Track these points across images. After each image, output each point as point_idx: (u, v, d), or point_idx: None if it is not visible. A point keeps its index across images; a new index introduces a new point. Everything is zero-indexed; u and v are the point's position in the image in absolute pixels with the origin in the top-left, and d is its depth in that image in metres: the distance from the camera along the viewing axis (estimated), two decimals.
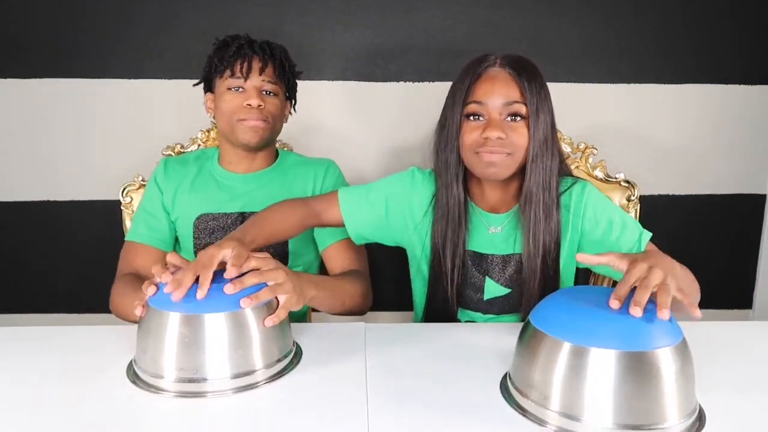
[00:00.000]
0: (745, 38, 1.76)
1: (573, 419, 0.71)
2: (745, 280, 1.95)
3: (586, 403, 0.70)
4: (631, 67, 1.76)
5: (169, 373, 0.81)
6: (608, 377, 0.69)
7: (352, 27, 1.71)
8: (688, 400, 0.73)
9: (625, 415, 0.69)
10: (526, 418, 0.75)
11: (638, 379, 0.69)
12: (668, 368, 0.70)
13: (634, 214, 1.46)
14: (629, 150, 1.79)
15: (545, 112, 1.01)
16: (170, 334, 0.81)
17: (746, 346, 0.99)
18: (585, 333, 0.71)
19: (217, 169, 1.33)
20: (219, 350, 0.81)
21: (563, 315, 0.75)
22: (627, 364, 0.69)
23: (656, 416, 0.70)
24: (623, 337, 0.70)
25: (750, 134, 1.83)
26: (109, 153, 1.75)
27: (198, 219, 1.28)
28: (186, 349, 0.81)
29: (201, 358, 0.81)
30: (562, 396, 0.72)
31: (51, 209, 1.79)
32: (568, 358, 0.71)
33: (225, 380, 0.82)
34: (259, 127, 1.24)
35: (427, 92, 1.74)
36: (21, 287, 1.84)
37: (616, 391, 0.69)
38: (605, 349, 0.69)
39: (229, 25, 1.67)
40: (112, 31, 1.68)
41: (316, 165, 1.36)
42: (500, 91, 1.00)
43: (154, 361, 0.82)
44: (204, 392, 0.81)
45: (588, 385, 0.70)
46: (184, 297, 0.82)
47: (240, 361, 0.83)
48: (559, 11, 1.72)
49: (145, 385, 0.83)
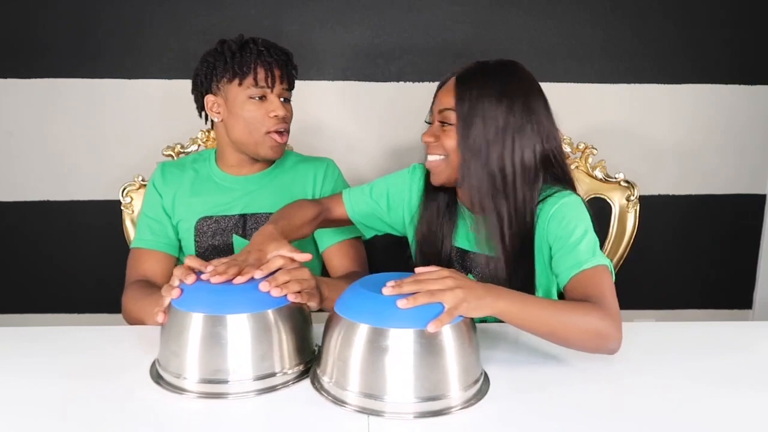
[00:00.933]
0: (745, 38, 1.76)
1: (372, 397, 0.77)
2: (745, 280, 1.95)
3: (386, 380, 0.76)
4: (631, 67, 1.76)
5: (192, 374, 0.81)
6: (399, 355, 0.76)
7: (352, 27, 1.71)
8: (472, 372, 0.81)
9: (417, 390, 0.76)
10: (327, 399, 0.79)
11: (426, 354, 0.77)
12: (449, 344, 0.78)
13: (634, 214, 1.46)
14: (629, 150, 1.79)
15: (482, 110, 1.00)
16: (193, 335, 0.82)
17: (746, 346, 0.99)
18: (382, 315, 0.77)
19: (216, 172, 1.32)
20: (241, 351, 0.81)
21: (360, 300, 0.81)
22: (418, 341, 0.76)
23: (443, 387, 0.77)
24: (413, 318, 0.77)
25: (750, 134, 1.83)
26: (109, 153, 1.75)
27: (199, 222, 1.28)
28: (209, 350, 0.81)
29: (223, 359, 0.81)
30: (360, 376, 0.77)
31: (51, 209, 1.79)
32: (366, 339, 0.77)
33: (247, 382, 0.81)
34: (284, 142, 1.25)
35: (427, 92, 1.72)
36: (21, 287, 1.84)
37: (408, 367, 0.76)
38: (401, 329, 0.76)
39: (230, 24, 1.67)
40: (113, 31, 1.68)
41: (315, 164, 1.36)
42: (441, 99, 1.07)
43: (177, 362, 0.83)
44: (226, 393, 0.81)
45: (384, 363, 0.76)
46: (208, 298, 0.83)
47: (262, 362, 0.82)
48: (558, 11, 1.72)
49: (168, 386, 0.83)
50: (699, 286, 1.92)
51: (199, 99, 1.27)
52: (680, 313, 1.92)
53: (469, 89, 1.02)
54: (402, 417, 0.76)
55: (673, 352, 0.96)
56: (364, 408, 0.77)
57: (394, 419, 0.75)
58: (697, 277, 1.92)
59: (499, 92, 1.01)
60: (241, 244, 1.27)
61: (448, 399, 0.77)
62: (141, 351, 0.93)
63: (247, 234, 1.28)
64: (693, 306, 1.93)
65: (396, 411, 0.76)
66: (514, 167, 1.01)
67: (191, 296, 0.84)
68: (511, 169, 1.01)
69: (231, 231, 1.28)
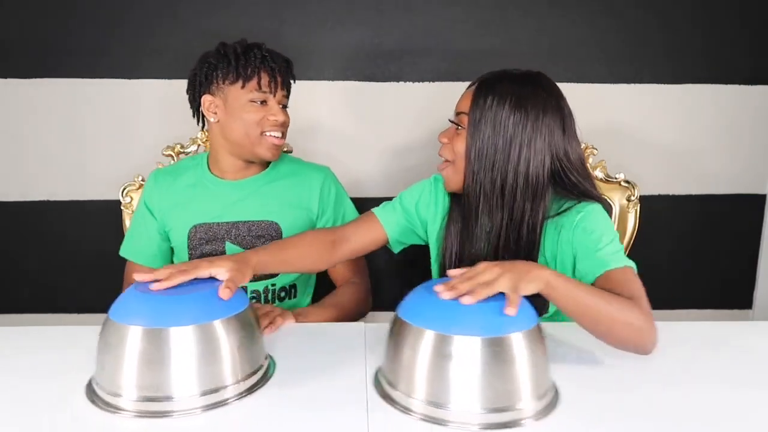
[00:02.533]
0: (745, 38, 1.76)
1: (438, 407, 0.74)
2: (745, 280, 1.94)
3: (450, 390, 0.74)
4: (631, 67, 1.76)
5: (129, 391, 0.76)
6: (469, 363, 0.73)
7: (352, 27, 1.71)
8: (542, 381, 0.77)
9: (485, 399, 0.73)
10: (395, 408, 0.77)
11: (496, 363, 0.73)
12: (521, 352, 0.74)
13: (634, 214, 1.46)
14: (629, 150, 1.79)
15: (493, 117, 1.01)
16: (130, 350, 0.76)
17: (746, 346, 0.99)
18: (448, 322, 0.75)
19: (209, 177, 1.32)
20: (186, 366, 0.76)
21: (427, 306, 0.78)
22: (486, 350, 0.73)
23: (512, 398, 0.74)
24: (481, 325, 0.74)
25: (750, 134, 1.83)
26: (109, 153, 1.75)
27: (191, 230, 1.28)
28: (148, 365, 0.76)
29: (166, 375, 0.75)
30: (427, 384, 0.75)
31: (51, 209, 1.78)
32: (433, 346, 0.75)
33: (193, 398, 0.76)
34: (280, 144, 1.26)
35: (427, 92, 1.74)
36: (21, 287, 1.84)
37: (477, 375, 0.73)
38: (467, 336, 0.73)
39: (230, 24, 1.67)
40: (112, 31, 1.68)
41: (312, 175, 1.36)
42: (460, 102, 1.09)
43: (111, 379, 0.77)
44: (170, 412, 0.75)
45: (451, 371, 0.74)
46: (148, 310, 0.78)
47: (209, 377, 0.77)
48: (559, 11, 1.71)
49: (103, 404, 0.78)
50: (699, 286, 1.92)
51: (196, 99, 1.27)
52: (680, 313, 1.92)
53: (486, 96, 1.03)
54: (467, 427, 0.73)
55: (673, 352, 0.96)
56: (429, 416, 0.75)
57: (458, 429, 0.73)
58: (697, 277, 1.92)
59: (514, 103, 1.01)
60: (235, 252, 1.28)
61: (519, 411, 0.74)
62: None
63: (240, 241, 1.28)
64: (693, 306, 1.93)
65: (462, 421, 0.73)
66: (516, 179, 1.02)
67: (130, 309, 0.78)
68: (513, 180, 1.02)
69: (224, 238, 1.28)
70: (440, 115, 1.17)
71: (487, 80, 1.06)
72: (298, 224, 1.31)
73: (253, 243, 1.28)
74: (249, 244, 1.28)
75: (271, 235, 1.29)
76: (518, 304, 0.75)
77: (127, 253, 1.34)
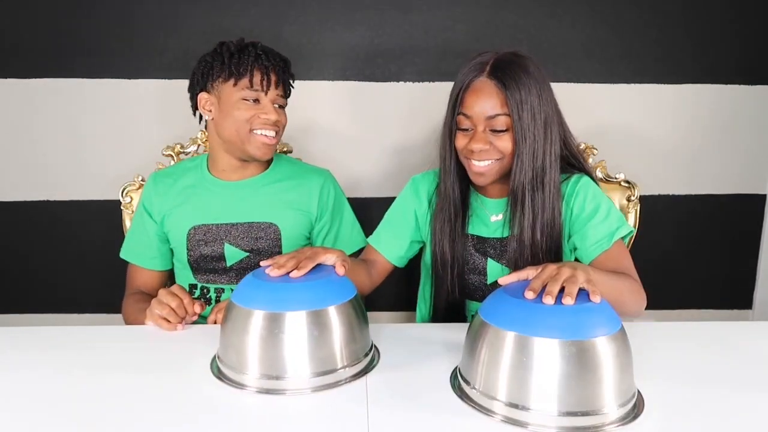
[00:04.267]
0: (745, 38, 1.76)
1: (519, 408, 0.74)
2: (745, 280, 1.94)
3: (531, 392, 0.73)
4: (631, 67, 1.76)
5: (252, 369, 0.83)
6: (551, 365, 0.72)
7: (352, 27, 1.71)
8: (627, 387, 0.76)
9: (567, 402, 0.72)
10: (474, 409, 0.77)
11: (578, 366, 0.72)
12: (606, 356, 0.73)
13: (634, 214, 1.46)
14: (629, 150, 1.79)
15: (530, 109, 1.03)
16: (253, 331, 0.83)
17: (746, 346, 0.99)
18: (529, 324, 0.74)
19: (208, 177, 1.32)
20: (300, 348, 0.83)
21: (508, 307, 0.78)
22: (568, 353, 0.72)
23: (596, 402, 0.73)
24: (564, 327, 0.73)
25: (750, 134, 1.83)
26: (109, 153, 1.75)
27: (191, 230, 1.28)
28: (267, 346, 0.83)
29: (281, 355, 0.82)
30: (508, 386, 0.75)
31: (51, 209, 1.79)
32: (513, 348, 0.75)
33: (305, 378, 0.83)
34: (272, 143, 1.25)
35: (427, 92, 1.74)
36: (21, 287, 1.84)
37: (559, 378, 0.72)
38: (548, 338, 0.73)
39: (230, 24, 1.67)
40: (112, 31, 1.68)
41: (312, 178, 1.36)
42: (484, 104, 1.05)
43: (237, 358, 0.84)
44: (284, 390, 0.82)
45: (533, 373, 0.73)
46: (267, 296, 0.85)
47: (320, 359, 0.83)
48: (559, 11, 1.71)
49: (228, 381, 0.85)
50: (699, 286, 1.92)
51: (194, 97, 1.28)
52: (680, 313, 1.92)
53: (515, 92, 1.03)
54: (547, 430, 0.72)
55: (673, 352, 0.96)
56: (509, 417, 0.74)
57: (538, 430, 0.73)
58: (697, 277, 1.92)
59: (537, 88, 1.05)
60: (233, 253, 1.28)
61: (602, 416, 0.73)
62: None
63: (239, 242, 1.28)
64: (693, 306, 1.93)
65: (542, 423, 0.73)
66: (552, 158, 1.06)
67: (251, 293, 0.86)
68: (551, 159, 1.06)
69: (223, 239, 1.28)
70: (440, 115, 1.17)
71: (504, 75, 1.04)
72: (297, 226, 1.31)
73: (252, 244, 1.28)
74: (248, 245, 1.28)
75: (269, 236, 1.29)
76: (599, 293, 0.78)
77: (127, 255, 1.35)
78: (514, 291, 0.81)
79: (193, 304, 1.06)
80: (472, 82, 1.06)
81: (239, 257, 1.28)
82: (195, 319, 1.07)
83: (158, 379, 0.86)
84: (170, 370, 0.89)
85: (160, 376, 0.87)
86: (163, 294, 1.05)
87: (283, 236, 1.29)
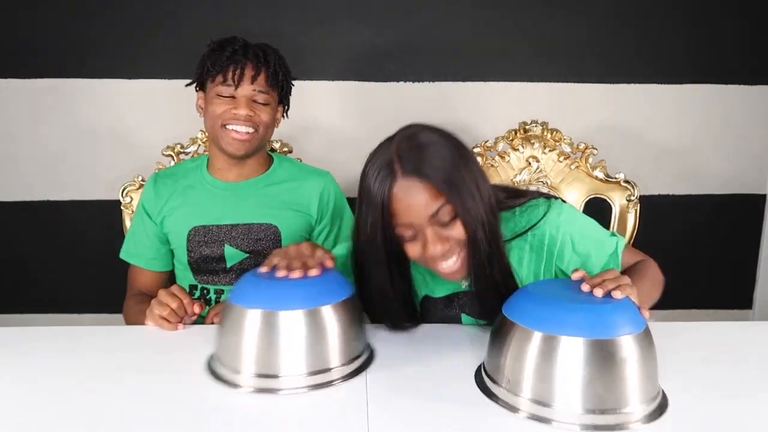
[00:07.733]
0: (745, 38, 1.76)
1: (544, 405, 0.75)
2: (745, 280, 1.95)
3: (556, 390, 0.74)
4: (631, 67, 1.76)
5: (248, 368, 0.83)
6: (577, 364, 0.73)
7: (352, 27, 1.71)
8: (651, 386, 0.77)
9: (592, 400, 0.73)
10: (499, 405, 0.78)
11: (603, 365, 0.73)
12: (631, 355, 0.74)
13: (634, 214, 1.46)
14: (629, 150, 1.79)
15: (461, 181, 0.92)
16: (248, 330, 0.83)
17: (746, 346, 0.99)
18: (554, 323, 0.75)
19: (208, 178, 1.32)
20: (295, 347, 0.83)
21: (533, 306, 0.79)
22: (593, 351, 0.73)
23: (620, 401, 0.74)
24: (590, 326, 0.74)
25: (750, 134, 1.83)
26: (109, 153, 1.75)
27: (191, 231, 1.28)
28: (262, 346, 0.83)
29: (276, 355, 0.82)
30: (533, 383, 0.76)
31: (51, 209, 1.79)
32: (539, 347, 0.75)
33: (300, 378, 0.83)
34: (244, 139, 1.23)
35: (427, 92, 1.74)
36: (21, 287, 1.84)
37: (584, 377, 0.73)
38: (574, 337, 0.73)
39: (230, 24, 1.66)
40: (113, 31, 1.68)
41: (313, 179, 1.35)
42: (419, 206, 0.90)
43: (233, 357, 0.85)
44: (279, 389, 0.82)
45: (558, 372, 0.74)
46: (262, 295, 0.85)
47: (315, 358, 0.83)
48: (559, 11, 1.71)
49: (224, 380, 0.85)
50: (699, 286, 1.92)
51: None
52: (680, 313, 1.92)
53: (438, 175, 0.91)
54: (571, 428, 0.73)
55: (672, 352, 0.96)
56: (534, 415, 0.75)
57: (562, 428, 0.73)
58: (697, 277, 1.92)
59: (451, 153, 0.94)
60: (234, 254, 1.28)
61: (626, 414, 0.73)
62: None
63: (239, 244, 1.28)
64: (693, 306, 1.93)
65: (567, 421, 0.73)
66: (495, 210, 0.96)
67: (248, 293, 0.86)
68: (495, 213, 0.96)
69: (223, 241, 1.28)
70: (440, 115, 1.17)
71: (423, 161, 0.92)
72: (297, 228, 1.31)
73: (252, 246, 1.28)
74: (248, 246, 1.28)
75: (269, 238, 1.29)
76: None
77: (127, 256, 1.34)
78: (539, 290, 0.82)
79: (193, 305, 1.06)
80: (392, 191, 0.91)
81: (239, 258, 1.28)
82: (194, 319, 1.07)
83: (155, 379, 0.85)
84: (167, 370, 0.89)
85: (156, 376, 0.86)
86: (162, 294, 1.05)
87: (283, 237, 1.29)
